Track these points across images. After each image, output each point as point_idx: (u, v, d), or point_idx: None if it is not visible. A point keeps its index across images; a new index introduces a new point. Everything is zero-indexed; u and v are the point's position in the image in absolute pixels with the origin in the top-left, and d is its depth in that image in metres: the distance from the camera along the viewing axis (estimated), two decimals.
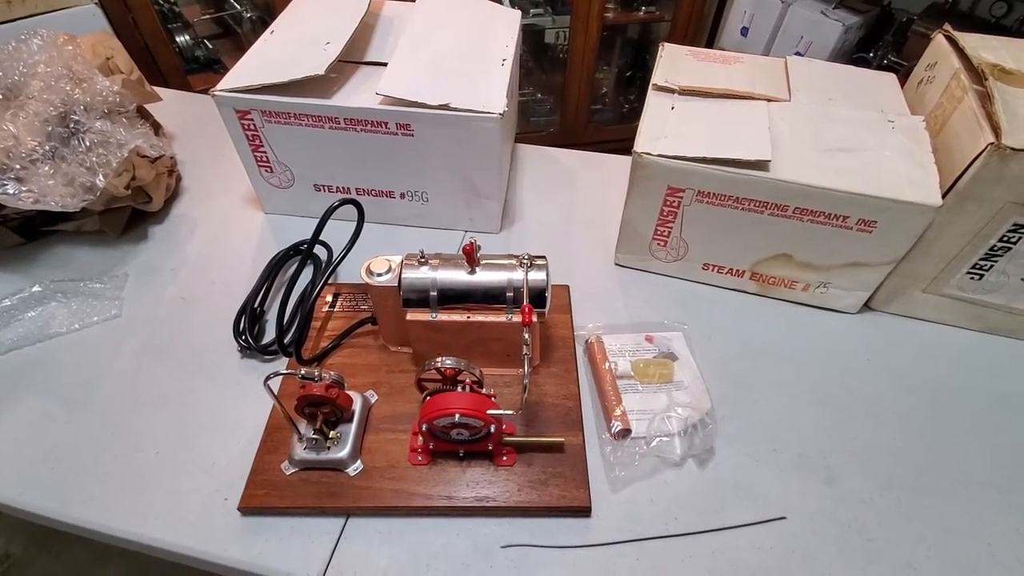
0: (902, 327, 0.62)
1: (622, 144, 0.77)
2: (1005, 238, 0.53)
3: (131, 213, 0.67)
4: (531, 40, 1.89)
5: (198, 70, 1.45)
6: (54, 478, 0.48)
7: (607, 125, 1.88)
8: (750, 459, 0.51)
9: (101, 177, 0.57)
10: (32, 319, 0.58)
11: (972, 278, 0.57)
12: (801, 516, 0.47)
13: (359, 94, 0.60)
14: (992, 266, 0.56)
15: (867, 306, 0.63)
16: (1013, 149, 0.47)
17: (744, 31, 1.51)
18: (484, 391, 0.46)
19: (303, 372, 0.42)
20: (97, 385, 0.54)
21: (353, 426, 0.48)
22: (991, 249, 0.54)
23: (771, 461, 0.51)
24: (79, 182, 0.56)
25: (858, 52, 1.34)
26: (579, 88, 1.70)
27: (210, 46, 1.49)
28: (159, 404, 0.53)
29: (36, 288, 0.59)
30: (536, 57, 1.93)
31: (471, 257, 0.48)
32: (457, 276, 0.49)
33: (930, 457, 0.51)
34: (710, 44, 1.70)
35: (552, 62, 1.89)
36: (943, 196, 0.51)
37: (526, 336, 0.44)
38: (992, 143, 0.48)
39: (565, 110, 1.76)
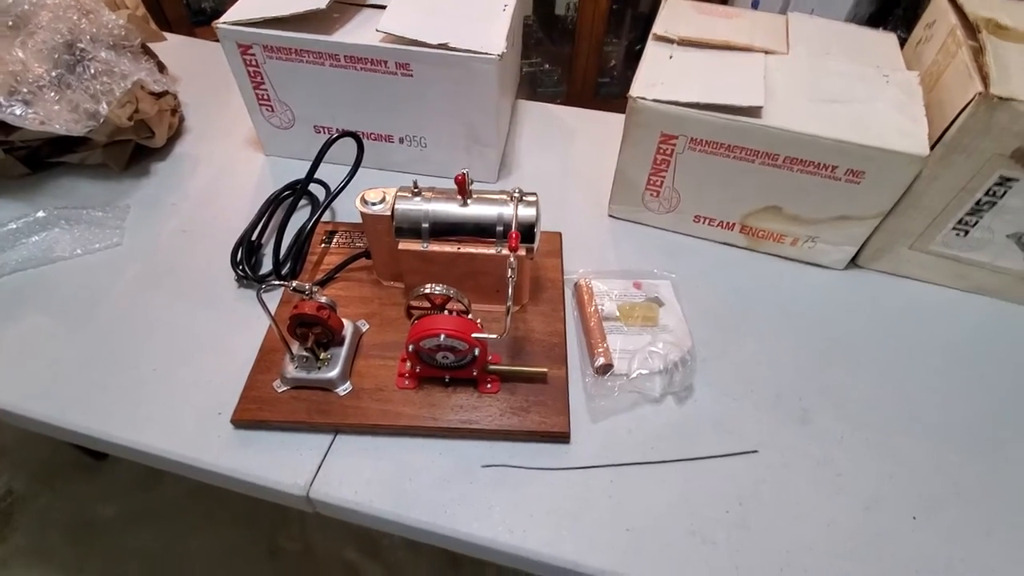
0: (887, 284, 0.63)
1: None
2: (991, 192, 0.54)
3: (134, 149, 0.68)
4: (541, 10, 1.88)
5: (204, 22, 1.45)
6: (55, 388, 0.50)
7: (614, 98, 1.87)
8: (727, 397, 0.52)
9: (104, 105, 0.58)
10: (36, 243, 0.59)
11: (958, 234, 0.58)
12: (773, 450, 0.49)
13: (360, 32, 0.60)
14: (978, 222, 0.56)
15: (854, 263, 0.64)
16: (1000, 98, 0.47)
17: (755, 3, 1.49)
18: (470, 318, 0.47)
19: (295, 284, 0.44)
20: (98, 307, 0.56)
21: (344, 350, 0.50)
22: (977, 203, 0.55)
23: (748, 400, 0.52)
24: (83, 108, 0.57)
25: (869, 26, 1.33)
26: (587, 59, 1.69)
27: None
28: (158, 327, 0.55)
29: (40, 214, 0.60)
30: (545, 27, 1.92)
31: (463, 188, 0.49)
32: (449, 208, 0.50)
33: (904, 404, 0.53)
34: None
35: (561, 33, 1.88)
36: (931, 148, 0.52)
37: (512, 261, 0.45)
38: (980, 92, 0.48)
39: (572, 81, 1.76)
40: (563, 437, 0.48)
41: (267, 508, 1.04)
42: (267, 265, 0.61)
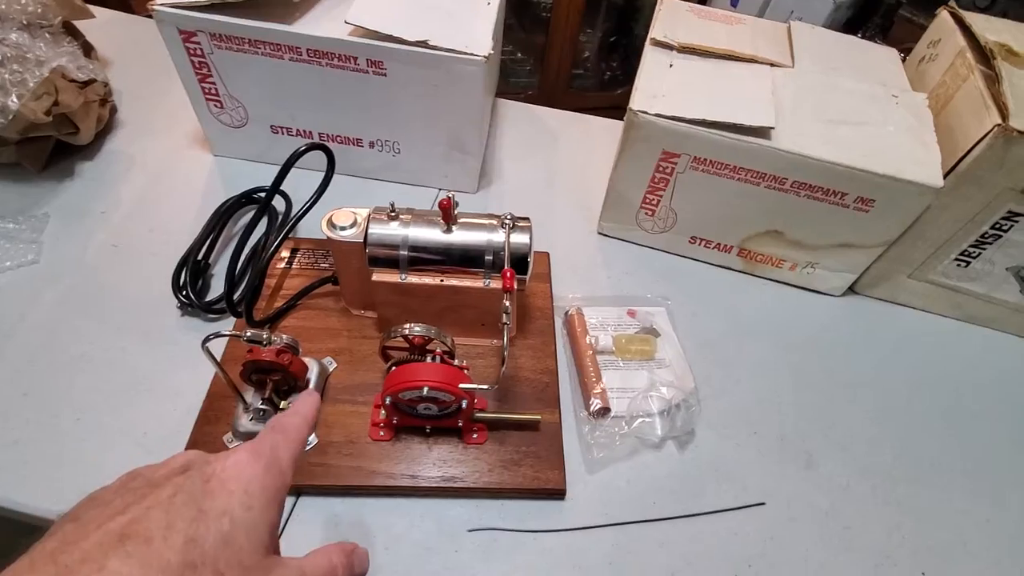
0: (883, 312, 0.61)
1: (603, 112, 0.73)
2: (997, 225, 0.52)
3: (55, 146, 0.58)
4: None
5: None
6: None
7: (588, 91, 1.82)
8: (730, 442, 0.49)
9: (15, 98, 0.48)
10: None
11: (959, 265, 0.56)
12: (780, 501, 0.46)
13: (326, 23, 0.52)
14: (980, 253, 0.54)
15: (851, 289, 0.61)
16: (1020, 132, 0.45)
17: (734, 2, 1.46)
18: (456, 363, 0.42)
19: (249, 334, 0.37)
20: (8, 339, 0.47)
21: None
22: (982, 236, 0.53)
23: (751, 444, 0.49)
24: None
25: (845, 32, 1.32)
26: (561, 50, 1.63)
27: None
28: (82, 363, 0.47)
29: None
30: (517, 14, 1.84)
31: (448, 213, 0.43)
32: (431, 234, 0.44)
33: (904, 444, 0.51)
34: None
35: (534, 21, 1.80)
36: (943, 177, 0.49)
37: (506, 303, 0.40)
38: (999, 124, 0.45)
39: (545, 72, 1.69)
40: (559, 494, 0.43)
41: None
42: (215, 287, 0.53)
